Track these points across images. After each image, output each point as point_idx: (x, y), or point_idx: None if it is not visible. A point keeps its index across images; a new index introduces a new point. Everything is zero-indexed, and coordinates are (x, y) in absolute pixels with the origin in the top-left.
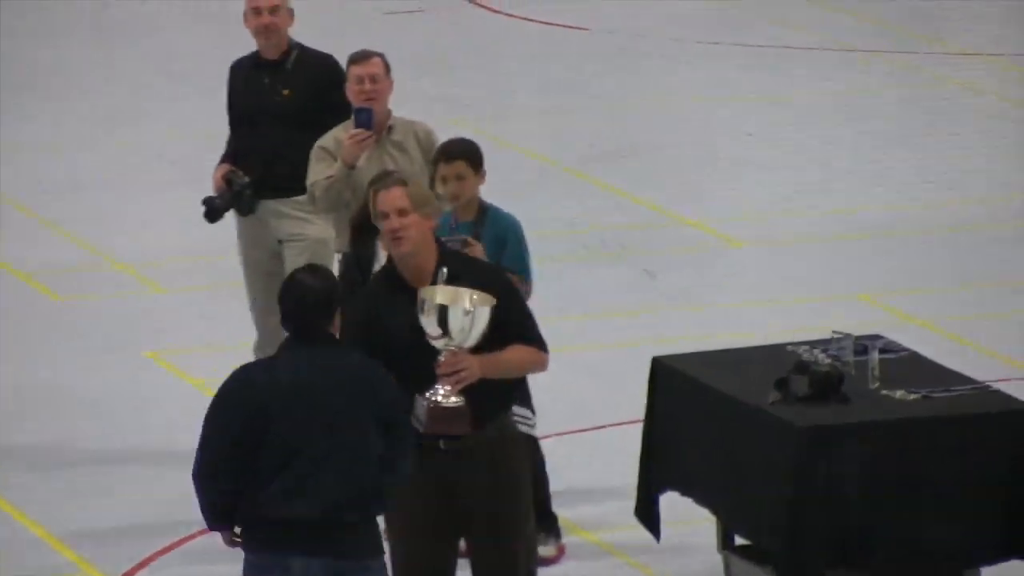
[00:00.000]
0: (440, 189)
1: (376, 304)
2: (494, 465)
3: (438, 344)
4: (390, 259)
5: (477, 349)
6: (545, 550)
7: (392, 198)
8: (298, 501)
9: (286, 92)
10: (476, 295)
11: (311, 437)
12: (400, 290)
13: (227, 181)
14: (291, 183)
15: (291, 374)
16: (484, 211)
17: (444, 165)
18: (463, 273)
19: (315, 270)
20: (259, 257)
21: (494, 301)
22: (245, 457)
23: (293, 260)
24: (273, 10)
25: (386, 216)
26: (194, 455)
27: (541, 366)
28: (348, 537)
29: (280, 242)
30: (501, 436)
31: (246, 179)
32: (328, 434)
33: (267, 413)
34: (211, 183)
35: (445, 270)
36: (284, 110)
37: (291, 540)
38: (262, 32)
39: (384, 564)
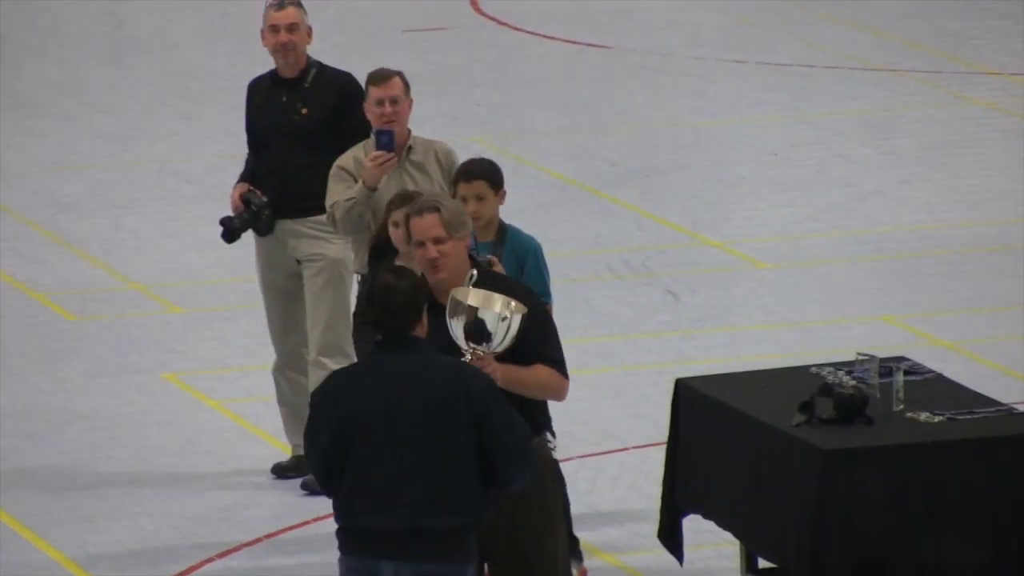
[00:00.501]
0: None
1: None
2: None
3: (464, 346)
4: (424, 278)
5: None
6: None
7: (427, 226)
8: (386, 510)
9: (304, 111)
10: (512, 302)
11: (397, 446)
12: (434, 311)
13: (245, 201)
14: (310, 202)
15: (378, 382)
16: (504, 231)
17: (464, 185)
18: (495, 289)
19: (400, 272)
20: (277, 278)
21: (526, 310)
22: (337, 467)
23: (312, 281)
24: (291, 28)
25: (422, 244)
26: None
27: (560, 392)
28: (438, 543)
29: (299, 262)
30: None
31: (264, 199)
32: (415, 442)
33: (353, 425)
34: (228, 202)
35: (475, 272)
36: (302, 128)
37: (380, 546)
38: (280, 50)
39: (475, 571)
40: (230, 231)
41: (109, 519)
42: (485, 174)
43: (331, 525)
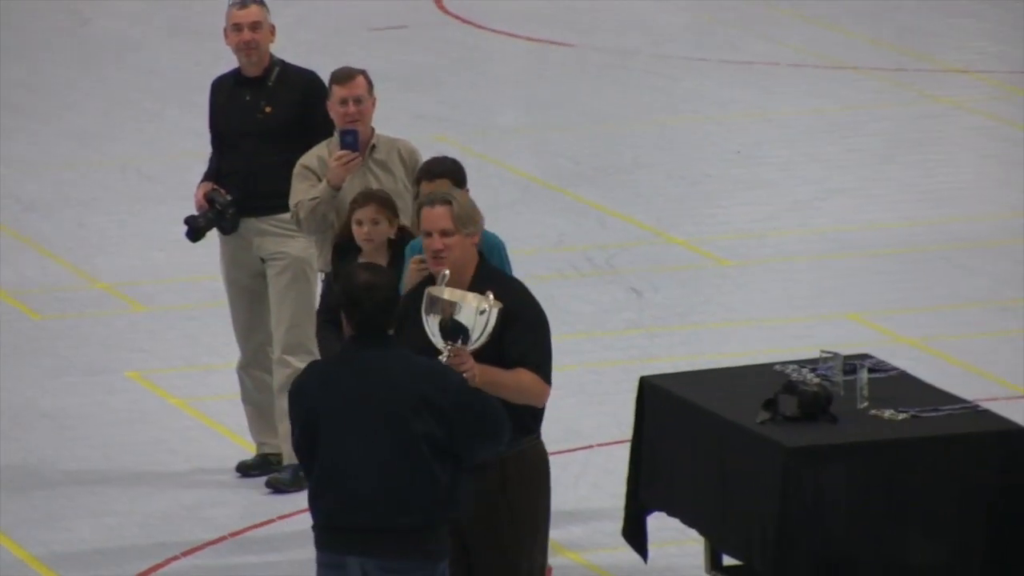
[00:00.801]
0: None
1: (409, 315)
2: (502, 483)
3: (441, 344)
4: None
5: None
6: None
7: (436, 217)
8: (351, 507)
9: (268, 109)
10: (489, 296)
11: (362, 443)
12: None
13: (209, 200)
14: (273, 200)
15: (351, 378)
16: None
17: (427, 184)
18: (498, 291)
19: (377, 269)
20: (241, 276)
21: (501, 305)
22: (307, 461)
23: (276, 279)
24: (254, 26)
25: (429, 235)
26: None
27: (540, 397)
28: (403, 541)
29: (263, 261)
30: (516, 455)
31: (228, 198)
32: (381, 440)
33: (320, 420)
34: (193, 201)
35: (447, 272)
36: (266, 127)
37: (347, 542)
38: (243, 49)
39: (444, 569)
40: (194, 230)
41: (74, 518)
42: (448, 172)
43: (296, 523)
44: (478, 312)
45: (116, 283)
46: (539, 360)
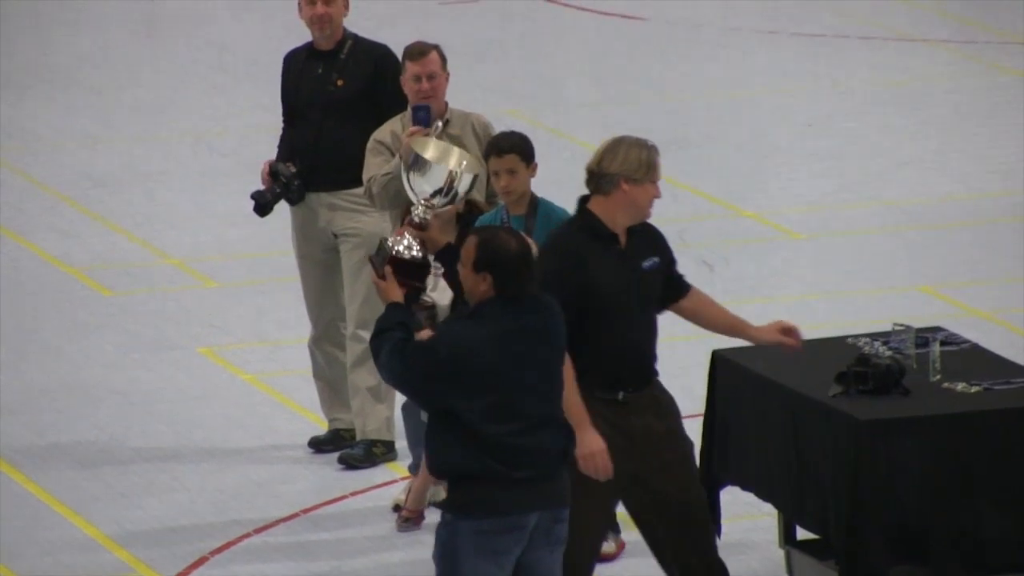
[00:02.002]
0: (493, 183)
1: (582, 254)
2: (661, 415)
3: (414, 198)
4: (586, 211)
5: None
6: (606, 546)
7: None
8: (528, 460)
9: (339, 82)
10: (467, 158)
11: (541, 399)
12: (603, 238)
13: (273, 174)
14: (345, 174)
15: (520, 340)
16: (535, 204)
17: (495, 159)
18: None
19: (511, 232)
20: (314, 250)
21: (479, 169)
22: (487, 422)
23: (349, 254)
24: (328, 1)
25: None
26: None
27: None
28: (561, 487)
29: (335, 236)
30: (661, 391)
31: (292, 169)
32: (545, 392)
33: (498, 384)
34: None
35: (440, 123)
36: (337, 100)
37: (532, 498)
38: (316, 22)
39: None
40: (261, 205)
41: (145, 494)
42: (516, 147)
43: (369, 499)
44: (455, 170)
45: (187, 258)
46: None
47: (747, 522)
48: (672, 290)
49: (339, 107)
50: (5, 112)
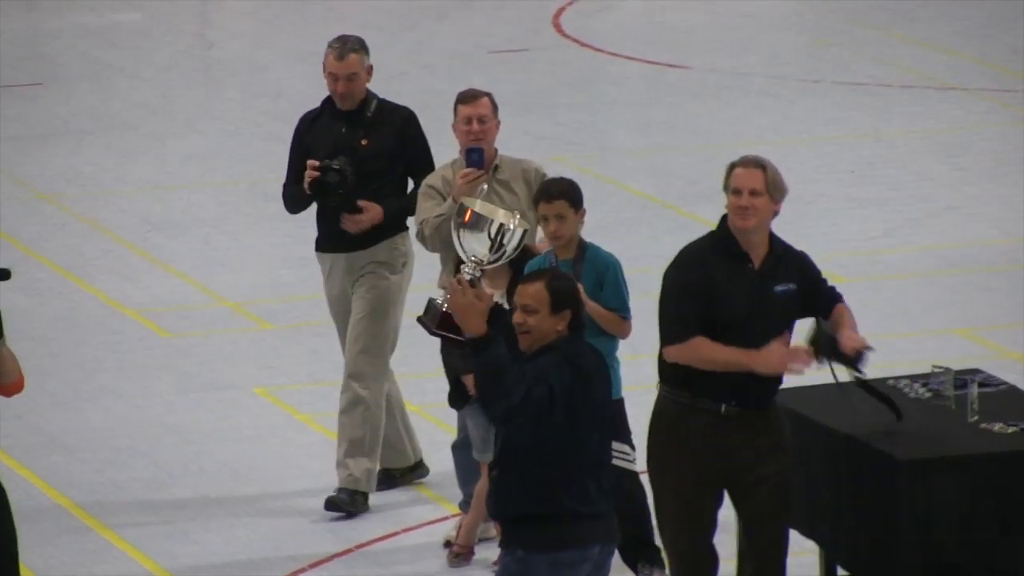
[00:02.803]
0: (541, 229)
1: (709, 269)
2: (768, 431)
3: (464, 255)
4: (723, 228)
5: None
6: None
7: (748, 177)
8: (595, 496)
9: (364, 141)
10: (517, 215)
11: (597, 435)
12: (735, 257)
13: (322, 170)
14: (368, 235)
15: (596, 371)
16: (583, 249)
17: (545, 205)
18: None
19: (559, 271)
20: (339, 308)
21: (527, 226)
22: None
23: (356, 304)
24: (350, 79)
25: (738, 193)
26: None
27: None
28: (614, 523)
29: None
30: (772, 409)
31: (335, 164)
32: (606, 432)
33: (588, 414)
34: (315, 220)
35: (485, 187)
36: (363, 159)
37: (594, 532)
38: (337, 96)
39: None
40: (325, 183)
41: (202, 531)
42: (565, 194)
43: (422, 536)
44: (507, 227)
45: (242, 301)
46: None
47: (790, 559)
48: (822, 305)
49: (363, 166)
50: (66, 159)
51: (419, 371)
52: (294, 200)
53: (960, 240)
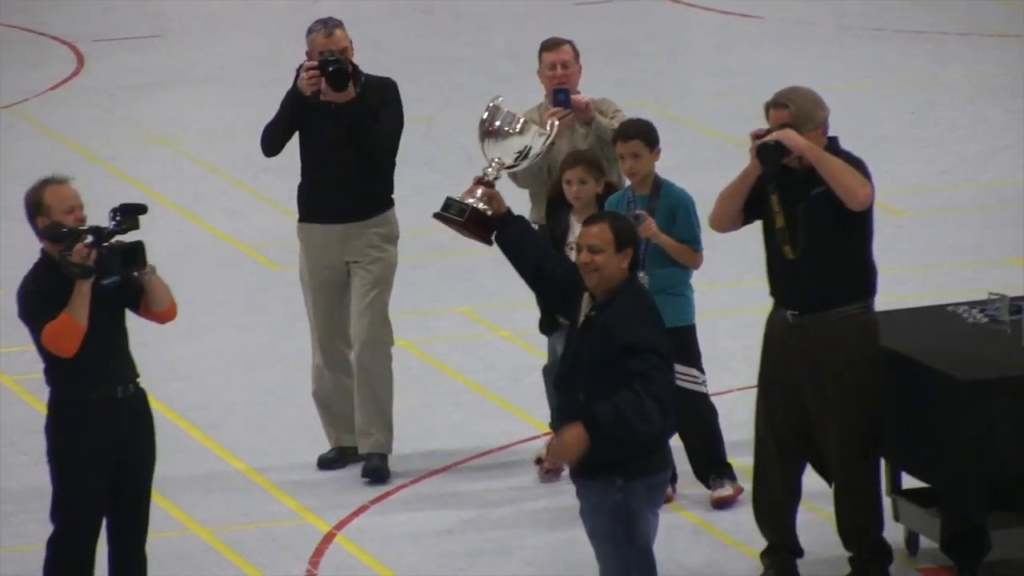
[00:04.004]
0: (620, 165)
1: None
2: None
3: (488, 159)
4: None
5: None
6: (723, 491)
7: (777, 118)
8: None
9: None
10: (537, 129)
11: None
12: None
13: (321, 63)
14: (360, 207)
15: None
16: (659, 185)
17: (622, 144)
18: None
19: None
20: (325, 278)
21: (548, 136)
22: None
23: (362, 275)
24: (342, 52)
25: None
26: None
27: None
28: None
29: (347, 263)
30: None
31: (328, 56)
32: None
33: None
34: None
35: (553, 128)
36: (348, 138)
37: (669, 453)
38: None
39: None
40: (340, 71)
41: (311, 450)
42: (641, 133)
43: (513, 453)
44: (535, 136)
45: None
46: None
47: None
48: None
49: (351, 143)
50: (181, 106)
51: (511, 301)
52: (277, 127)
53: (1014, 178)
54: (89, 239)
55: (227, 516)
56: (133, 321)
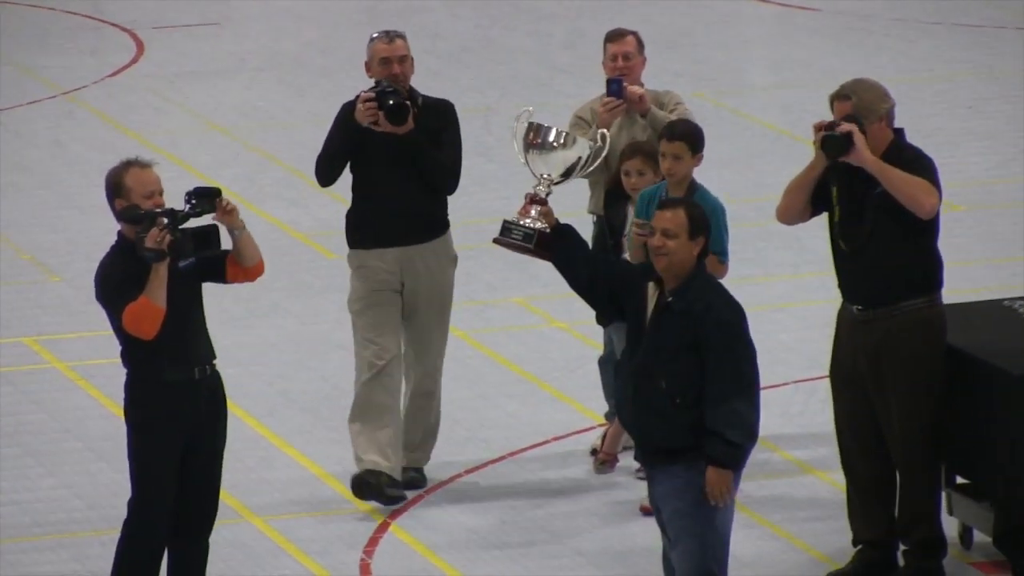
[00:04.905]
0: (660, 162)
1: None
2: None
3: (537, 176)
4: None
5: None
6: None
7: (840, 110)
8: None
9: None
10: (587, 143)
11: None
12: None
13: (379, 95)
14: (417, 226)
15: None
16: (693, 190)
17: (665, 143)
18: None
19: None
20: (384, 296)
21: (598, 145)
22: None
23: (428, 304)
24: (402, 60)
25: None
26: None
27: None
28: None
29: (403, 284)
30: (907, 321)
31: (386, 87)
32: None
33: None
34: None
35: (606, 132)
36: (406, 161)
37: None
38: (392, 78)
39: None
40: (398, 105)
41: None
42: (686, 137)
43: (569, 444)
44: (584, 148)
45: None
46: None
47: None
48: None
49: (409, 166)
50: (241, 94)
51: (566, 291)
52: (333, 155)
53: None
54: (164, 222)
55: (281, 504)
56: None
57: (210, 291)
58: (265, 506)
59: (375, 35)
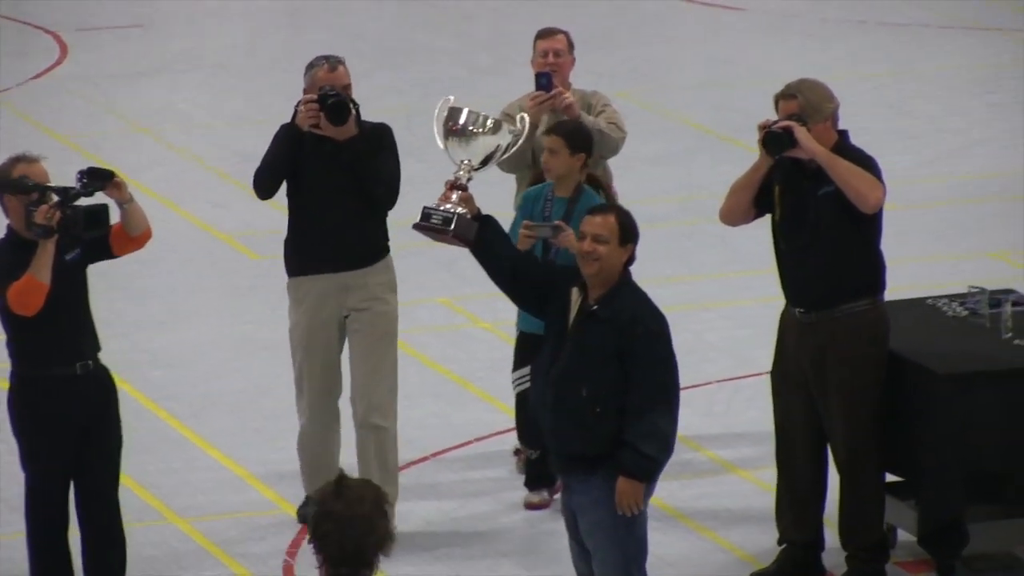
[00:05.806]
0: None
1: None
2: (835, 344)
3: (456, 159)
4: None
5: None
6: (539, 496)
7: (788, 108)
8: None
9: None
10: (509, 127)
11: None
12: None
13: (321, 96)
14: (356, 253)
15: None
16: (580, 192)
17: (546, 137)
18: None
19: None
20: (324, 333)
21: (518, 129)
22: None
23: (367, 331)
24: (345, 89)
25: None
26: None
27: None
28: None
29: (345, 316)
30: (849, 325)
31: (328, 91)
32: None
33: None
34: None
35: (524, 123)
36: (348, 178)
37: None
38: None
39: None
40: (340, 104)
41: (291, 439)
42: (562, 132)
43: (492, 444)
44: (505, 134)
45: None
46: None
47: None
48: None
49: (349, 186)
50: (163, 96)
51: (492, 291)
52: (273, 165)
53: (993, 170)
54: (55, 199)
55: (205, 506)
56: (111, 312)
57: (135, 294)
58: (189, 508)
59: (315, 62)
